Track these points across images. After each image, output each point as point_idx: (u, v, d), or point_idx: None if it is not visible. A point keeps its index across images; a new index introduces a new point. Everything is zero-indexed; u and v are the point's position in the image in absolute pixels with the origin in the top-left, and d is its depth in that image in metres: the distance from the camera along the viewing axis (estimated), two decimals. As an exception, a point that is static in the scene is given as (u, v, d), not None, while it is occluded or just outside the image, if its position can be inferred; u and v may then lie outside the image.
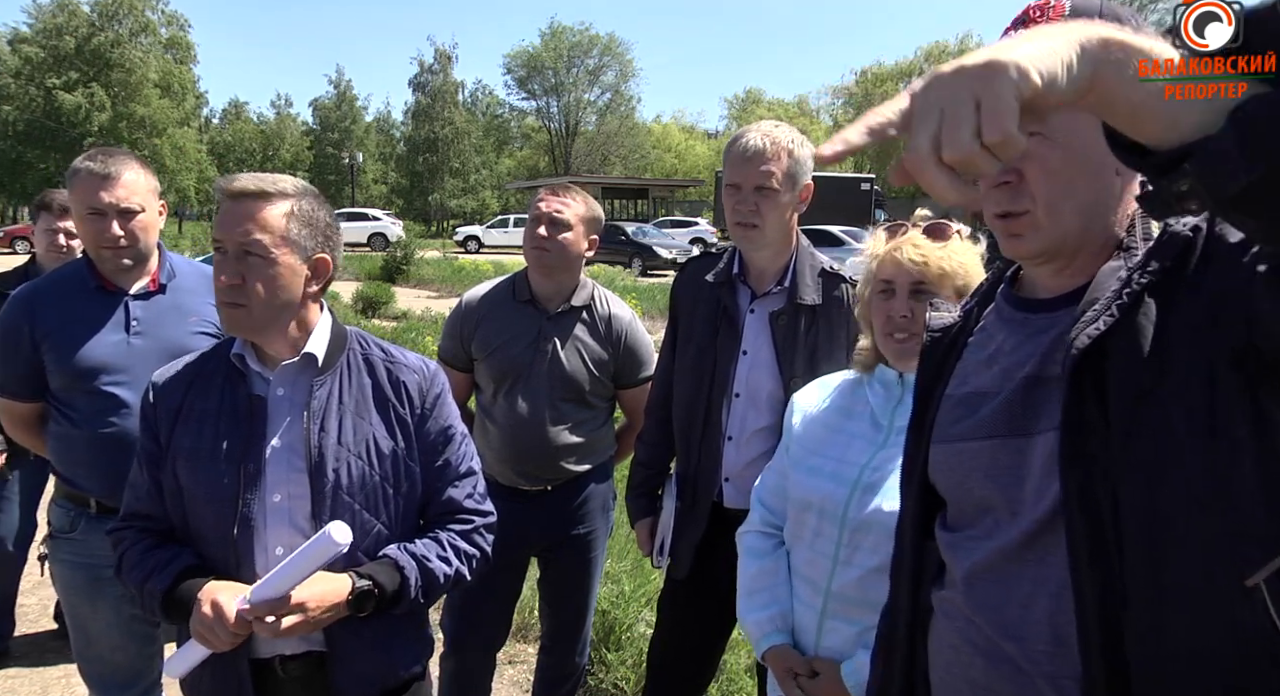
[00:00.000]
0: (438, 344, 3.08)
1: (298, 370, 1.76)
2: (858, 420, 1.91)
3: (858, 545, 1.81)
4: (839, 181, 34.80)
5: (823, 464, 1.93)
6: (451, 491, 1.86)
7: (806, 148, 2.34)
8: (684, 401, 2.49)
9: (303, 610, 1.60)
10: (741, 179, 2.31)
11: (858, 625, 1.80)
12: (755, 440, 2.38)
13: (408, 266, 23.06)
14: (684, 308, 2.57)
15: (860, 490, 1.82)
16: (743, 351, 2.40)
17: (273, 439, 1.73)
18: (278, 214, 1.68)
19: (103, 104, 49.74)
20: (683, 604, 2.61)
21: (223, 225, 1.69)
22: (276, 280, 1.68)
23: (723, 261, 2.50)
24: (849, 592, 1.82)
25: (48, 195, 3.97)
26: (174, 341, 2.34)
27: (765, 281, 2.41)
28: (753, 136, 2.29)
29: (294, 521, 1.72)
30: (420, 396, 1.82)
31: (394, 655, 1.83)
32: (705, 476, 2.44)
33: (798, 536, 1.97)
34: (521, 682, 3.80)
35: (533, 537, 2.87)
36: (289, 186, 1.72)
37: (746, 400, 2.39)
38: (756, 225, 2.31)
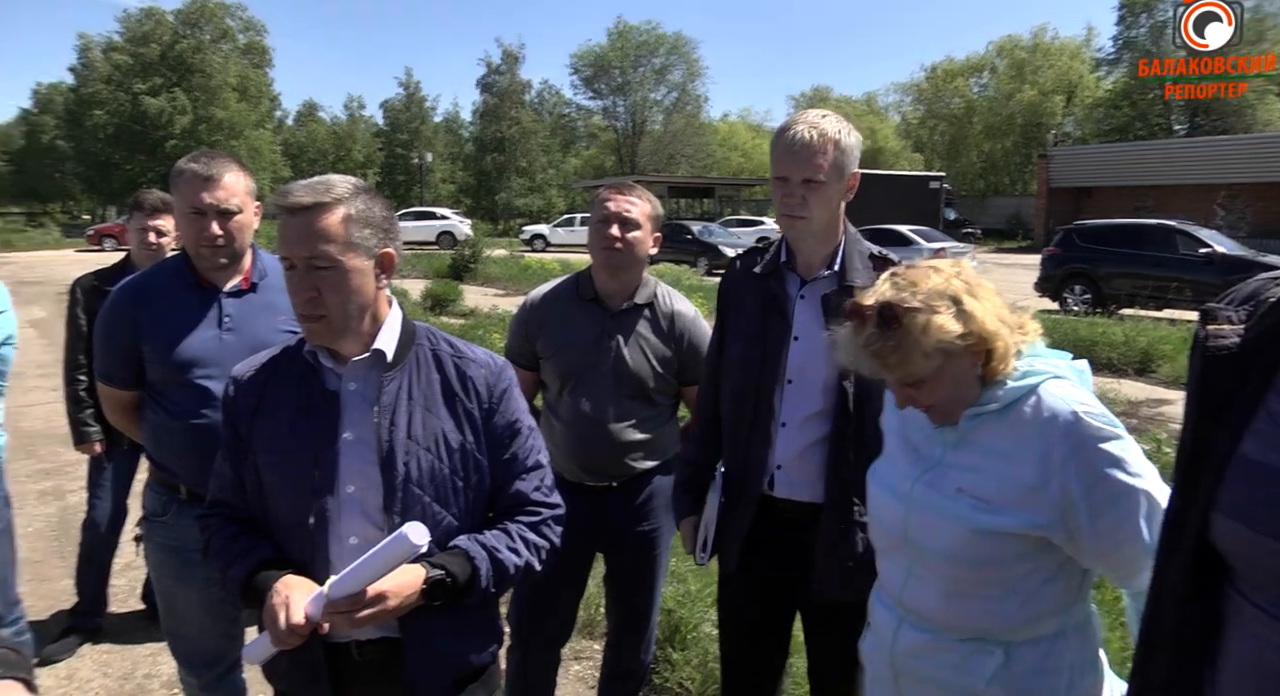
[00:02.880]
0: (505, 342, 3.12)
1: (368, 366, 1.80)
2: (918, 429, 1.86)
3: (920, 561, 1.78)
4: (906, 180, 34.16)
5: (887, 472, 1.91)
6: (519, 484, 1.88)
7: (854, 136, 2.32)
8: (733, 392, 2.48)
9: (381, 601, 1.64)
10: (789, 171, 2.29)
11: (932, 636, 1.78)
12: (809, 426, 2.35)
13: (475, 265, 23.36)
14: (731, 302, 2.57)
15: (916, 508, 1.77)
16: (794, 337, 2.38)
17: (345, 432, 1.77)
18: (336, 221, 1.68)
19: (184, 107, 51.55)
20: (736, 597, 2.61)
21: (286, 242, 1.70)
22: (349, 285, 1.71)
23: (769, 253, 2.49)
24: (919, 605, 1.80)
25: (139, 195, 4.14)
26: (262, 338, 2.42)
27: (814, 267, 2.40)
28: (800, 128, 2.27)
29: (366, 512, 1.76)
30: (488, 391, 1.85)
31: (465, 643, 1.86)
32: (754, 467, 2.42)
33: (874, 542, 1.98)
34: (587, 679, 3.83)
35: (598, 534, 2.89)
36: (341, 189, 1.71)
37: (799, 386, 2.37)
38: (804, 217, 2.30)
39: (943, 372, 1.66)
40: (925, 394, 1.70)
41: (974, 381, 1.70)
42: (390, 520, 1.73)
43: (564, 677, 3.50)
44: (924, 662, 1.79)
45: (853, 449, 2.29)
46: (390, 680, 1.79)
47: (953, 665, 1.74)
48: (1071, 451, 1.61)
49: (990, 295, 1.70)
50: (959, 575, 1.71)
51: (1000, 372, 1.69)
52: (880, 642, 1.90)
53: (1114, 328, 12.32)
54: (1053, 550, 1.68)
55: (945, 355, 1.64)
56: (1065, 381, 1.70)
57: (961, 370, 1.67)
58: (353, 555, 1.68)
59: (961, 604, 1.73)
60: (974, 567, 1.69)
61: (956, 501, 1.70)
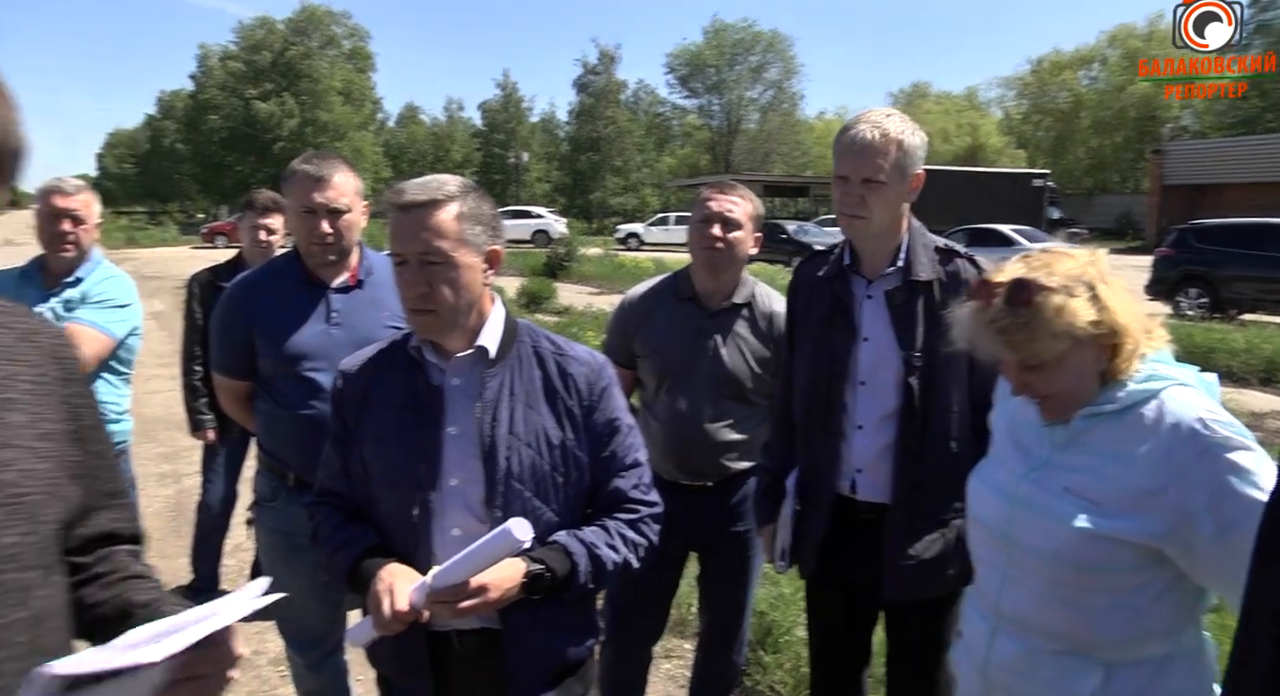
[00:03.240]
0: (599, 339, 3.14)
1: (471, 362, 1.83)
2: (1025, 428, 1.79)
3: (1021, 564, 1.70)
4: (1008, 177, 33.17)
5: (991, 471, 1.84)
6: (618, 482, 1.89)
7: (918, 136, 2.26)
8: (804, 396, 2.45)
9: (483, 593, 1.66)
10: (849, 171, 2.25)
11: (1029, 648, 1.70)
12: (884, 428, 2.32)
13: (570, 263, 23.63)
14: (799, 308, 2.55)
15: (1021, 507, 1.70)
16: (864, 338, 2.35)
17: (449, 427, 1.81)
18: (450, 217, 1.72)
19: (292, 111, 53.82)
20: (817, 601, 2.59)
21: (400, 238, 1.73)
22: (460, 281, 1.75)
23: (833, 256, 2.46)
24: (1018, 612, 1.71)
25: (251, 195, 4.32)
26: (367, 333, 2.49)
27: (878, 266, 2.35)
28: (862, 128, 2.22)
29: (469, 506, 1.79)
30: (588, 388, 1.86)
31: (563, 638, 1.88)
32: (827, 470, 2.39)
33: (971, 543, 1.90)
34: (678, 678, 3.83)
35: (692, 533, 2.88)
36: (453, 187, 1.75)
37: (873, 387, 2.33)
38: (863, 217, 2.26)
39: (1066, 360, 1.59)
40: (1044, 381, 1.62)
41: (1094, 377, 1.63)
42: (492, 514, 1.76)
43: (655, 676, 3.50)
44: (1019, 677, 1.72)
45: (921, 447, 2.26)
46: (489, 670, 1.82)
47: (1048, 681, 1.66)
48: (1194, 459, 1.52)
49: (1123, 290, 1.63)
50: (1060, 578, 1.63)
51: (1123, 372, 1.62)
52: (973, 652, 1.83)
53: (1234, 333, 11.73)
54: (1164, 564, 1.59)
55: (1073, 341, 1.57)
56: (1191, 389, 1.62)
57: (1085, 361, 1.61)
58: (455, 547, 1.71)
59: (1060, 610, 1.65)
60: (1077, 572, 1.61)
61: (1063, 501, 1.63)
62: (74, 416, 1.21)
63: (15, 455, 1.10)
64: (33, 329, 1.22)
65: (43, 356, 1.20)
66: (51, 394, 1.18)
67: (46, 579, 1.13)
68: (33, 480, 1.11)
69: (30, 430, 1.13)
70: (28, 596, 1.09)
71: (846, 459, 2.37)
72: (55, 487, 1.15)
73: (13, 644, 1.06)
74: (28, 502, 1.10)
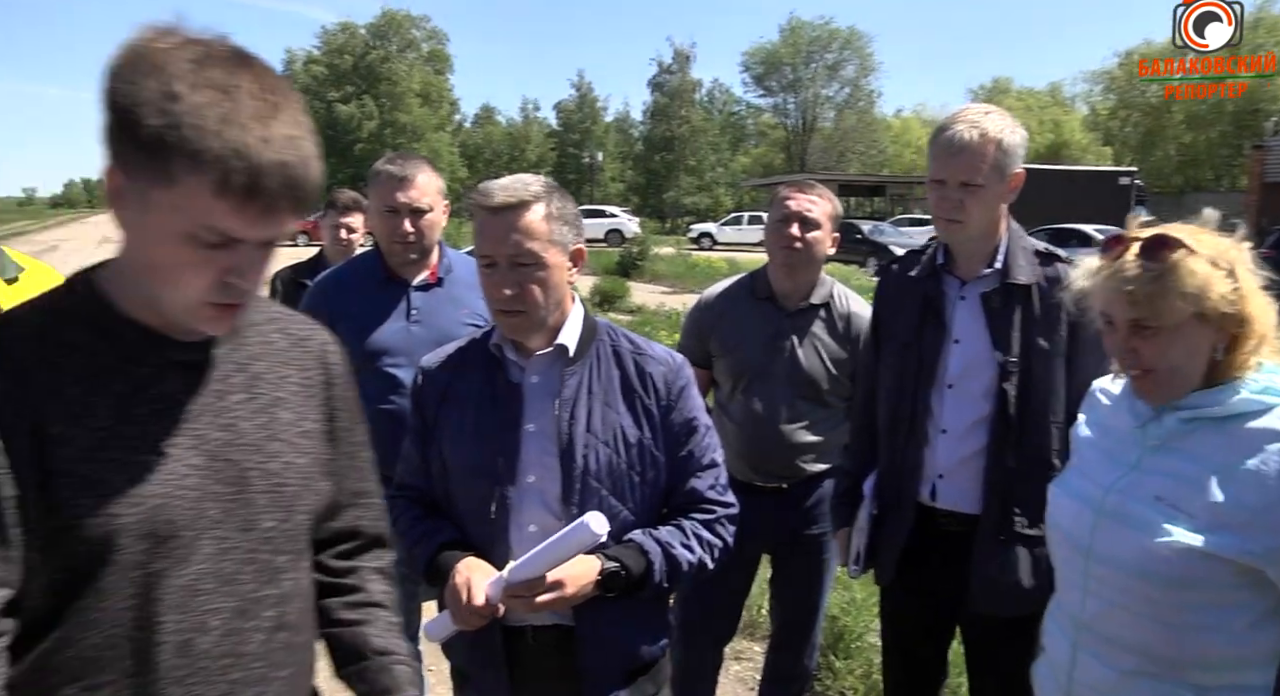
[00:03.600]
0: (671, 339, 3.13)
1: (551, 359, 1.84)
2: (1110, 433, 1.71)
3: (1105, 579, 1.61)
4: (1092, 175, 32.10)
5: (1070, 479, 1.76)
6: (694, 482, 1.88)
7: (1017, 134, 2.18)
8: (888, 398, 2.40)
9: (559, 588, 1.68)
10: (946, 174, 2.17)
11: (1114, 668, 1.60)
12: (972, 434, 2.25)
13: (643, 262, 23.68)
14: (888, 308, 2.49)
15: (1104, 517, 1.61)
16: (954, 340, 2.28)
17: (528, 424, 1.82)
18: (538, 218, 1.72)
19: (372, 113, 55.27)
20: (894, 609, 2.55)
21: (489, 240, 1.74)
22: (549, 281, 1.76)
23: (926, 255, 2.40)
24: (1100, 627, 1.63)
25: (333, 194, 4.41)
26: (446, 330, 2.53)
27: (974, 267, 2.28)
28: (959, 128, 2.14)
29: (545, 502, 1.80)
30: (666, 388, 1.86)
31: (636, 636, 1.88)
32: (909, 475, 2.33)
33: (1052, 554, 1.82)
34: (747, 680, 3.81)
35: (765, 535, 2.85)
36: (539, 188, 1.75)
37: (961, 391, 2.26)
38: (961, 221, 2.19)
39: (1183, 331, 1.50)
40: (1153, 350, 1.53)
41: (1203, 364, 1.54)
42: (568, 511, 1.77)
43: (724, 677, 3.48)
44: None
45: (1014, 457, 2.18)
46: (563, 667, 1.83)
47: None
48: None
49: (1258, 287, 1.55)
50: (1147, 594, 1.54)
51: (1236, 370, 1.53)
52: (1055, 671, 1.75)
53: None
54: (1264, 587, 1.49)
55: (1198, 312, 1.48)
56: None
57: (1200, 342, 1.52)
58: (531, 542, 1.73)
59: (1145, 627, 1.56)
60: (1166, 588, 1.52)
61: (1152, 509, 1.55)
62: (331, 417, 1.33)
63: (280, 449, 1.21)
64: (306, 335, 1.34)
65: (312, 360, 1.33)
66: (315, 395, 1.31)
67: (295, 564, 1.24)
68: (292, 473, 1.22)
69: (294, 427, 1.25)
70: (278, 576, 1.20)
71: (929, 464, 2.31)
72: (310, 481, 1.25)
73: (261, 617, 1.17)
74: (286, 493, 1.21)
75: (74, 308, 1.12)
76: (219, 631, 1.12)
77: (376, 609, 1.40)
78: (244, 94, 0.98)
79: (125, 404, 1.09)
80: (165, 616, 1.09)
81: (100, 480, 1.05)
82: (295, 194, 1.00)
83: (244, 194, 0.97)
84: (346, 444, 1.37)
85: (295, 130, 1.01)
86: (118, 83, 0.97)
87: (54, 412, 1.05)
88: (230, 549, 1.14)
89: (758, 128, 70.52)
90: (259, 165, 0.96)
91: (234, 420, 1.17)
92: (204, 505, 1.11)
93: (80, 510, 1.04)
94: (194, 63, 0.97)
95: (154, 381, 1.12)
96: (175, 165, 0.96)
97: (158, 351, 1.13)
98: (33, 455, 1.03)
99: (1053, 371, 2.15)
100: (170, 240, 1.01)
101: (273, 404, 1.22)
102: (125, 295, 1.12)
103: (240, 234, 1.01)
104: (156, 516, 1.07)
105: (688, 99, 62.33)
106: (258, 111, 0.98)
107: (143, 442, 1.08)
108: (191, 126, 0.94)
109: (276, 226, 1.03)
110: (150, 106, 0.94)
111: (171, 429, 1.11)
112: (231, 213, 0.98)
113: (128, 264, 1.11)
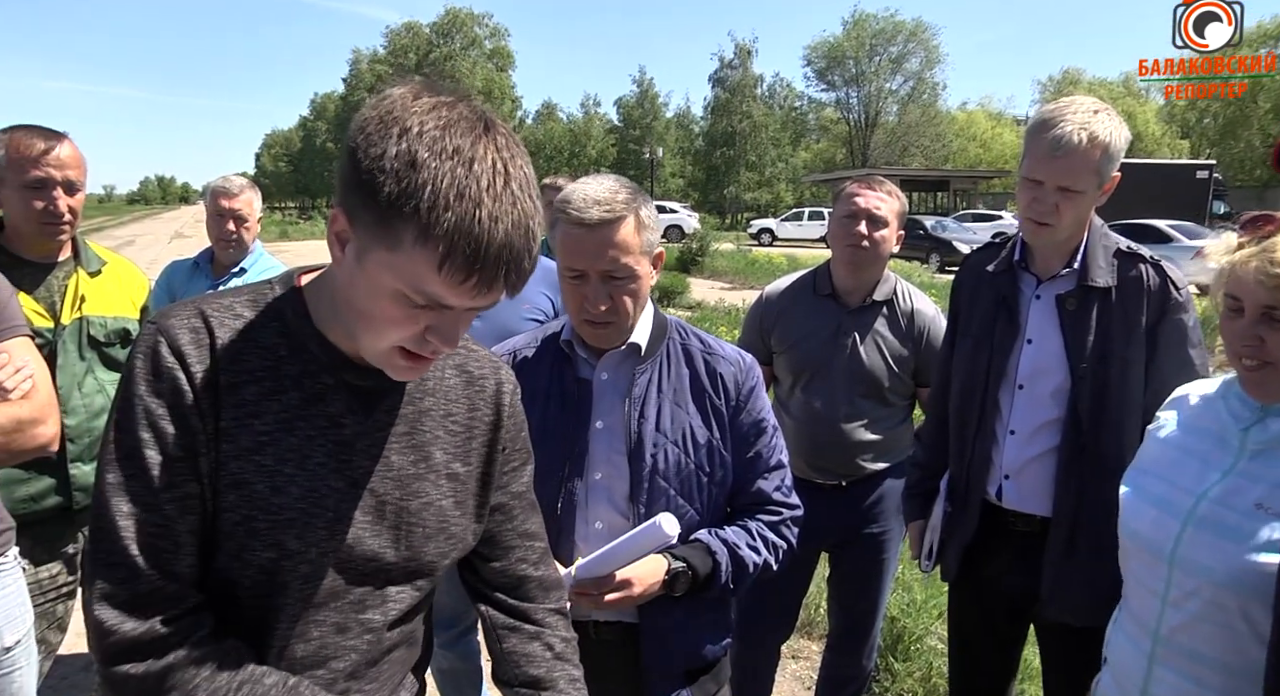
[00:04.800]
0: (730, 335, 3.12)
1: (622, 357, 1.83)
2: (1202, 436, 1.63)
3: (1191, 590, 1.53)
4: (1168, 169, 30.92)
5: (1150, 484, 1.68)
6: (761, 483, 1.87)
7: (1124, 137, 2.07)
8: (959, 395, 2.36)
9: (626, 587, 1.69)
10: (1045, 175, 2.07)
11: (1194, 682, 1.52)
12: (1041, 435, 2.20)
13: (703, 258, 23.62)
14: (964, 301, 2.43)
15: (1194, 524, 1.53)
16: (1027, 340, 2.23)
17: (596, 421, 1.82)
18: (631, 231, 1.69)
19: (435, 111, 56.25)
20: (958, 608, 2.52)
21: (580, 254, 1.69)
22: (640, 291, 1.75)
23: (1005, 250, 2.33)
24: (1181, 641, 1.55)
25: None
26: (507, 325, 2.55)
27: (1052, 266, 2.21)
28: (1068, 129, 2.01)
29: (612, 501, 1.80)
30: (735, 388, 1.85)
31: (700, 636, 1.88)
32: (977, 474, 2.29)
33: (1124, 561, 1.75)
34: (804, 679, 3.78)
35: (823, 533, 2.83)
36: (627, 196, 1.71)
37: (1031, 392, 2.21)
38: (1051, 225, 2.10)
39: None
40: (1278, 341, 1.45)
41: None
42: (635, 509, 1.77)
43: (781, 676, 3.47)
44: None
45: (1087, 461, 2.12)
46: (625, 663, 1.83)
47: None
48: None
49: None
50: (1239, 607, 1.46)
51: None
52: (1124, 684, 1.67)
53: None
54: None
55: None
56: None
57: None
58: (597, 540, 1.74)
59: (1233, 642, 1.48)
60: (1262, 601, 1.43)
61: (1252, 519, 1.47)
62: (489, 459, 1.32)
63: (425, 488, 1.22)
64: (483, 374, 1.34)
65: (484, 400, 1.32)
66: (478, 436, 1.31)
67: (406, 589, 1.25)
68: (430, 513, 1.23)
69: (444, 469, 1.25)
70: (386, 603, 1.22)
71: (996, 463, 2.27)
72: (446, 524, 1.25)
73: (361, 638, 1.20)
74: (417, 533, 1.22)
75: (278, 309, 1.16)
76: (316, 642, 1.16)
77: (559, 664, 1.42)
78: (481, 164, 0.98)
79: (291, 415, 1.12)
80: (275, 623, 1.13)
81: (245, 482, 1.09)
82: (514, 271, 1.00)
83: (465, 272, 0.97)
84: (512, 485, 1.39)
85: (523, 196, 1.00)
86: (363, 139, 0.98)
87: (229, 406, 1.09)
88: (347, 569, 1.16)
89: (819, 122, 69.76)
90: (485, 246, 0.96)
91: (387, 453, 1.18)
92: (337, 527, 1.14)
93: (223, 504, 1.08)
94: (439, 129, 0.97)
95: (323, 399, 1.14)
96: (404, 234, 0.96)
97: (335, 371, 1.15)
98: (209, 444, 1.08)
99: (1129, 378, 2.09)
100: (381, 294, 1.02)
101: (430, 442, 1.23)
102: (322, 312, 1.15)
103: (452, 303, 1.02)
104: (289, 528, 1.10)
105: (749, 94, 61.92)
106: (491, 183, 0.97)
107: (294, 455, 1.11)
108: (427, 201, 0.94)
109: (490, 299, 1.03)
110: (390, 173, 0.95)
111: (325, 448, 1.13)
112: (448, 285, 0.98)
113: (333, 290, 1.13)
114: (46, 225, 2.38)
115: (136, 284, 2.70)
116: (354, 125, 1.01)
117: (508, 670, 1.39)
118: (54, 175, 2.36)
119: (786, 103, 69.39)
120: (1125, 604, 1.74)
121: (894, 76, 63.42)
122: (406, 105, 0.99)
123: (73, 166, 2.40)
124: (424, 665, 1.40)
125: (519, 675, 1.38)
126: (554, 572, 1.47)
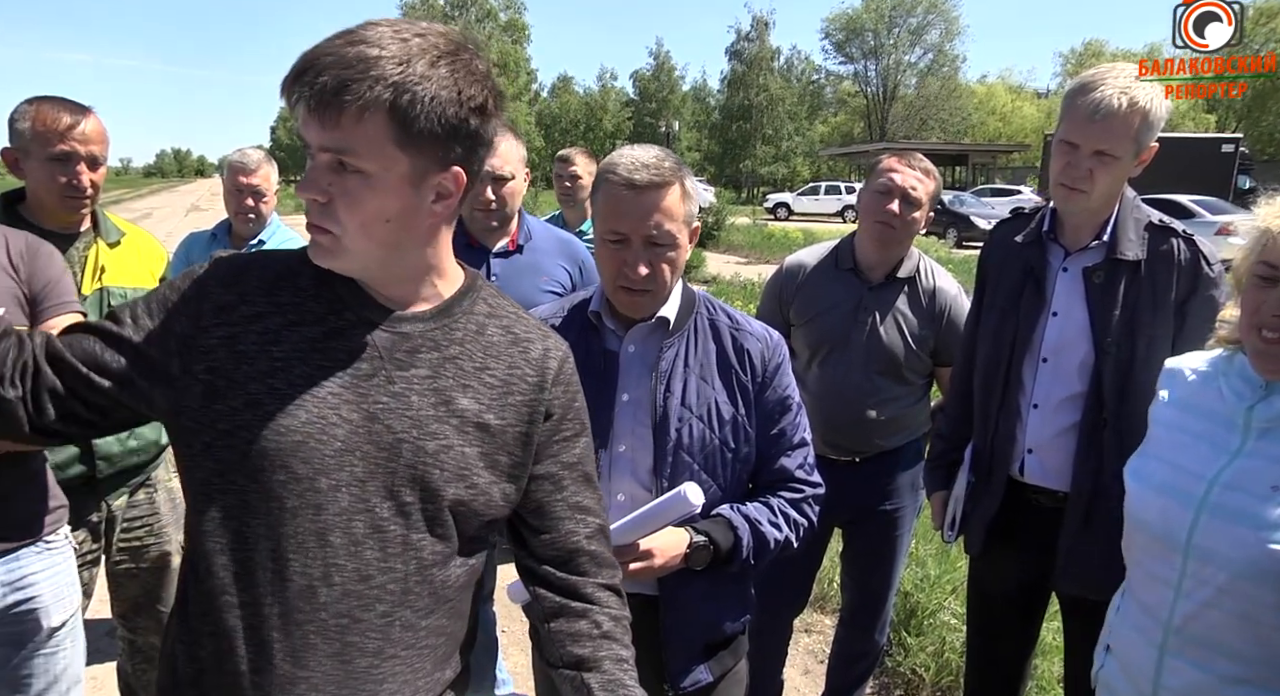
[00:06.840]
0: (748, 309, 3.11)
1: (649, 330, 1.82)
2: (1201, 416, 1.59)
3: (1207, 579, 1.48)
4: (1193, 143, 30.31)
5: (1155, 469, 1.63)
6: (784, 460, 1.87)
7: (1164, 106, 2.03)
8: (984, 368, 2.34)
9: (648, 557, 1.69)
10: (1081, 139, 2.04)
11: (1208, 671, 1.48)
12: (1064, 409, 2.18)
13: (718, 232, 23.51)
14: (991, 273, 2.40)
15: (1208, 512, 1.48)
16: (1053, 313, 2.20)
17: (622, 393, 1.81)
18: (677, 199, 1.68)
19: (450, 84, 55.99)
20: (980, 582, 2.52)
21: (625, 216, 1.68)
22: (679, 260, 1.74)
23: (1034, 220, 2.30)
24: (1196, 630, 1.50)
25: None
26: (526, 297, 2.55)
27: (1081, 237, 2.18)
28: (1107, 92, 1.98)
29: (635, 473, 1.80)
30: (762, 364, 1.84)
31: (719, 610, 1.88)
32: (1001, 448, 2.28)
33: (1128, 549, 1.70)
34: (817, 652, 3.80)
35: (837, 509, 2.80)
36: (674, 164, 1.70)
37: (1055, 365, 2.19)
38: (1084, 191, 2.07)
39: None
40: None
41: None
42: (659, 483, 1.77)
43: (794, 649, 3.49)
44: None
45: (1109, 436, 2.11)
46: (644, 636, 1.81)
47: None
48: None
49: None
50: (1260, 596, 1.41)
51: None
52: (1133, 675, 1.62)
53: None
54: None
55: None
56: None
57: None
58: (619, 512, 1.74)
59: (1253, 632, 1.43)
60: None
61: (1270, 503, 1.43)
62: (531, 419, 1.29)
63: (446, 431, 1.20)
64: (530, 338, 1.32)
65: (527, 362, 1.30)
66: (517, 395, 1.28)
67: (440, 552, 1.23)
68: (449, 457, 1.20)
69: (472, 417, 1.23)
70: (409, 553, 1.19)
71: (1019, 437, 2.26)
72: (468, 473, 1.22)
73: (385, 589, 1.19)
74: (434, 475, 1.19)
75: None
76: (340, 589, 1.15)
77: (605, 642, 1.34)
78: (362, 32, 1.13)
79: (309, 345, 1.16)
80: (293, 555, 1.14)
81: (258, 402, 1.13)
82: (309, 73, 1.11)
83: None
84: (563, 454, 1.35)
85: (369, 47, 1.12)
86: None
87: (251, 334, 1.15)
88: (364, 511, 1.16)
89: (837, 96, 69.09)
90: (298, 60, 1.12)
91: (406, 391, 1.19)
92: (346, 458, 1.15)
93: (238, 422, 1.13)
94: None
95: (343, 334, 1.18)
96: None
97: (358, 308, 1.19)
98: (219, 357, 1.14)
99: (1155, 353, 2.05)
100: None
101: (456, 388, 1.22)
102: None
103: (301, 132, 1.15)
104: (295, 451, 1.12)
105: (766, 67, 61.30)
106: (345, 32, 1.13)
107: (306, 383, 1.15)
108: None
109: (301, 116, 1.12)
110: None
111: (340, 380, 1.16)
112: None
113: None
114: (69, 198, 2.39)
115: (155, 255, 2.72)
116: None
117: (553, 650, 1.34)
118: (79, 150, 2.36)
119: (804, 76, 68.70)
120: (1130, 593, 1.69)
121: (913, 49, 62.73)
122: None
123: (97, 141, 2.41)
124: (469, 647, 1.38)
125: (563, 655, 1.32)
126: (609, 552, 1.42)
